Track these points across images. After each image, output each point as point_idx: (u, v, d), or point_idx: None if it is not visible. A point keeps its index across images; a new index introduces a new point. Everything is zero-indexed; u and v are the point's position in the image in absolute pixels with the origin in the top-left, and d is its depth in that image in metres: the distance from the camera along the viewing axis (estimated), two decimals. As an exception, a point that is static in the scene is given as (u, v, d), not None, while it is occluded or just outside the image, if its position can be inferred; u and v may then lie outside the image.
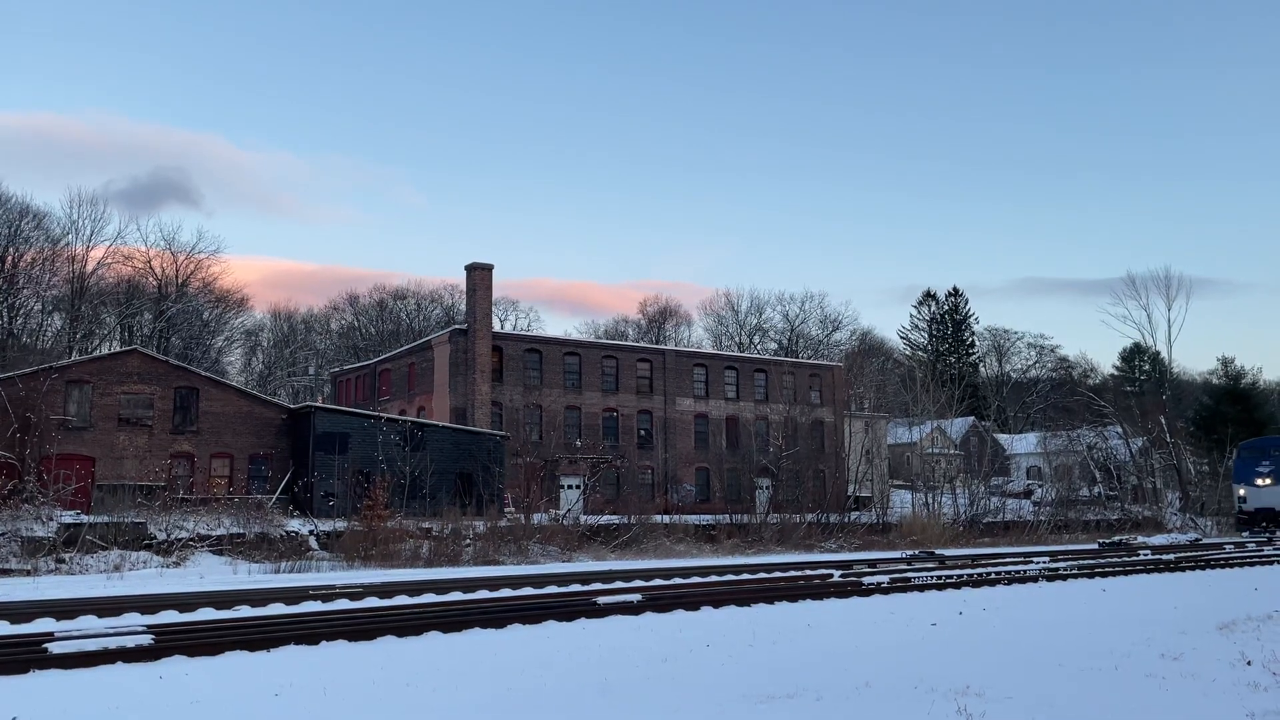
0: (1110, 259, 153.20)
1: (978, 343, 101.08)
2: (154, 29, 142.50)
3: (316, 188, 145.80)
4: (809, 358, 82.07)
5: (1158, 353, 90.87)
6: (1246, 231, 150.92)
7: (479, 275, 53.27)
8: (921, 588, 19.58)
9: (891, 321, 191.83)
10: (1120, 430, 70.35)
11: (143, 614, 14.28)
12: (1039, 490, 65.25)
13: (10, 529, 27.18)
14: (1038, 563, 25.95)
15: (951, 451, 72.35)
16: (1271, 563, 28.00)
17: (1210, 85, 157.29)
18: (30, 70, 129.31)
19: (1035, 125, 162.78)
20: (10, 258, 61.41)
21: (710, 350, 78.10)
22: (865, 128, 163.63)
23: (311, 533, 31.60)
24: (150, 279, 71.24)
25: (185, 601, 15.82)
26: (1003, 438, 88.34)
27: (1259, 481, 44.88)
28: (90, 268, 65.86)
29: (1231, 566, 26.40)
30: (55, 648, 10.47)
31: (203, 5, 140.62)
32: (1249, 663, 9.50)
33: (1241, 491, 46.23)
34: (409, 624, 12.88)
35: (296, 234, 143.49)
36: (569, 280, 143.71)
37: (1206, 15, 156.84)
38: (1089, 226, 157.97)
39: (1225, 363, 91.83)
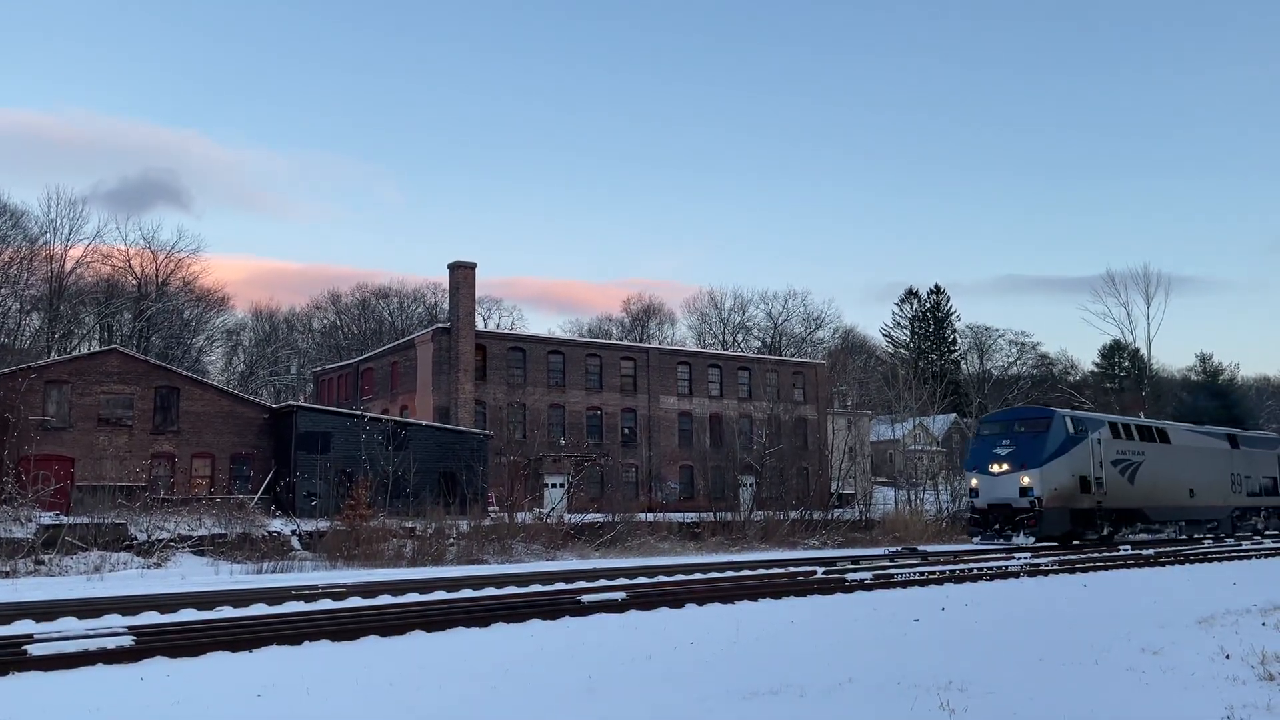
0: (1090, 257, 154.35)
1: (959, 340, 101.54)
2: (132, 26, 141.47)
3: (298, 186, 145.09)
4: (792, 355, 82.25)
5: (1137, 349, 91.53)
6: (1224, 229, 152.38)
7: (462, 274, 53.14)
8: (904, 584, 19.66)
9: (874, 319, 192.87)
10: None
11: (124, 615, 14.18)
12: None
13: (-12, 530, 26.92)
14: (1019, 558, 26.11)
15: (934, 448, 72.69)
16: (1249, 557, 28.28)
17: (1189, 83, 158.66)
18: (5, 67, 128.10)
19: (1015, 124, 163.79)
20: (-13, 257, 60.88)
21: (694, 348, 78.15)
22: (847, 126, 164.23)
23: (294, 533, 31.45)
24: (130, 278, 70.73)
25: (166, 602, 15.72)
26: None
27: (994, 467, 33.47)
28: (69, 267, 65.35)
29: (1210, 561, 26.65)
30: (35, 649, 10.38)
31: (176, 2, 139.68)
32: (1228, 656, 9.58)
33: (974, 482, 34.73)
34: (392, 623, 12.84)
35: (278, 232, 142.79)
36: (554, 279, 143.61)
37: (1183, 14, 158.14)
38: (1069, 224, 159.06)
39: (1204, 359, 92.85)
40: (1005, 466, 33.17)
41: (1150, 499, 36.25)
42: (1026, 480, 32.38)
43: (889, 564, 24.60)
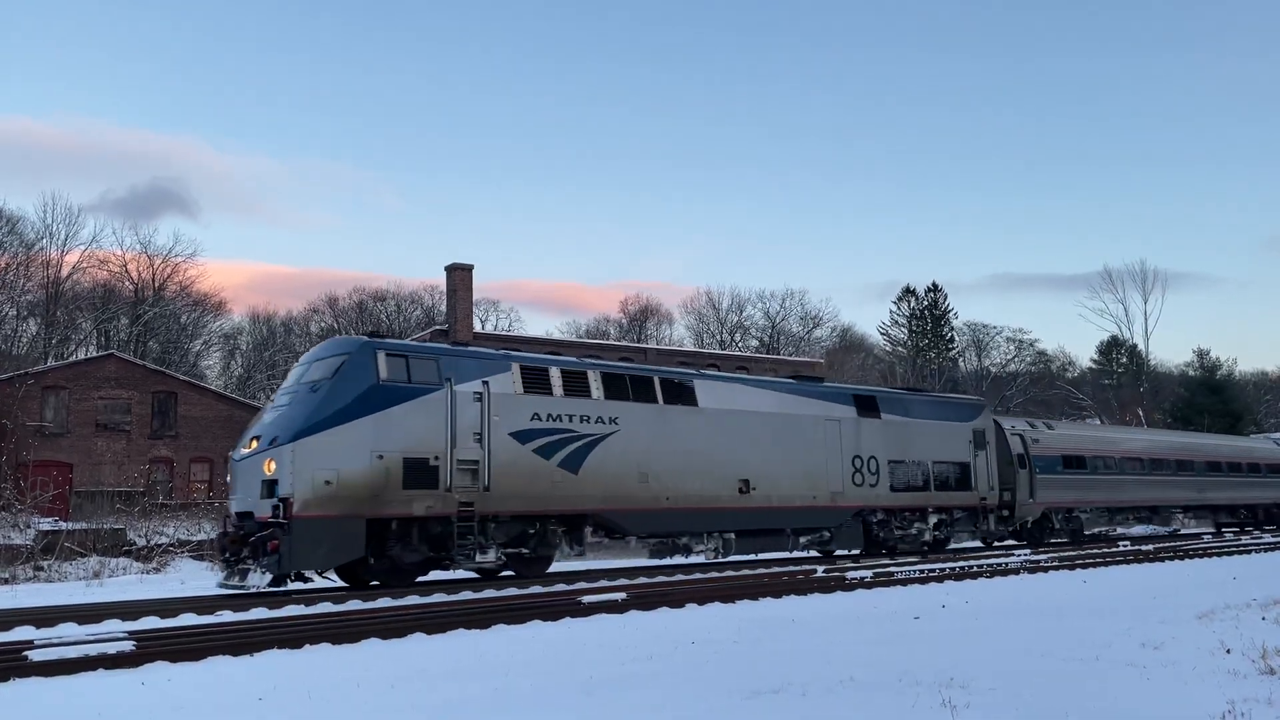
0: (1087, 253, 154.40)
1: (957, 338, 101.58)
2: (125, 30, 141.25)
3: (295, 191, 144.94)
4: (790, 355, 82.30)
5: (1135, 345, 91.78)
6: (1221, 225, 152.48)
7: (459, 276, 53.12)
8: (904, 581, 19.69)
9: (872, 317, 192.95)
10: (1098, 422, 71.01)
11: (123, 620, 14.14)
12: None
13: (-13, 537, 26.94)
14: (1019, 555, 26.13)
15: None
16: (1249, 552, 28.34)
17: (1186, 79, 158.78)
18: (2, 74, 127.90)
19: (1011, 120, 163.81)
20: (-17, 263, 60.91)
21: (692, 348, 78.18)
22: (843, 125, 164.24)
23: (293, 536, 31.36)
24: (126, 283, 70.74)
25: (166, 607, 15.68)
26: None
27: (248, 447, 18.28)
28: (65, 272, 65.38)
29: (1209, 556, 26.70)
30: (35, 655, 10.38)
31: (173, 6, 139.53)
32: (1228, 651, 9.59)
33: (229, 474, 19.23)
34: (393, 625, 12.84)
35: (276, 237, 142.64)
36: (554, 281, 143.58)
37: (1179, 8, 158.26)
38: (1066, 221, 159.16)
39: (1201, 355, 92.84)
40: (256, 444, 18.06)
41: (626, 496, 21.09)
42: (271, 468, 17.25)
43: (889, 562, 24.60)
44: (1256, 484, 42.86)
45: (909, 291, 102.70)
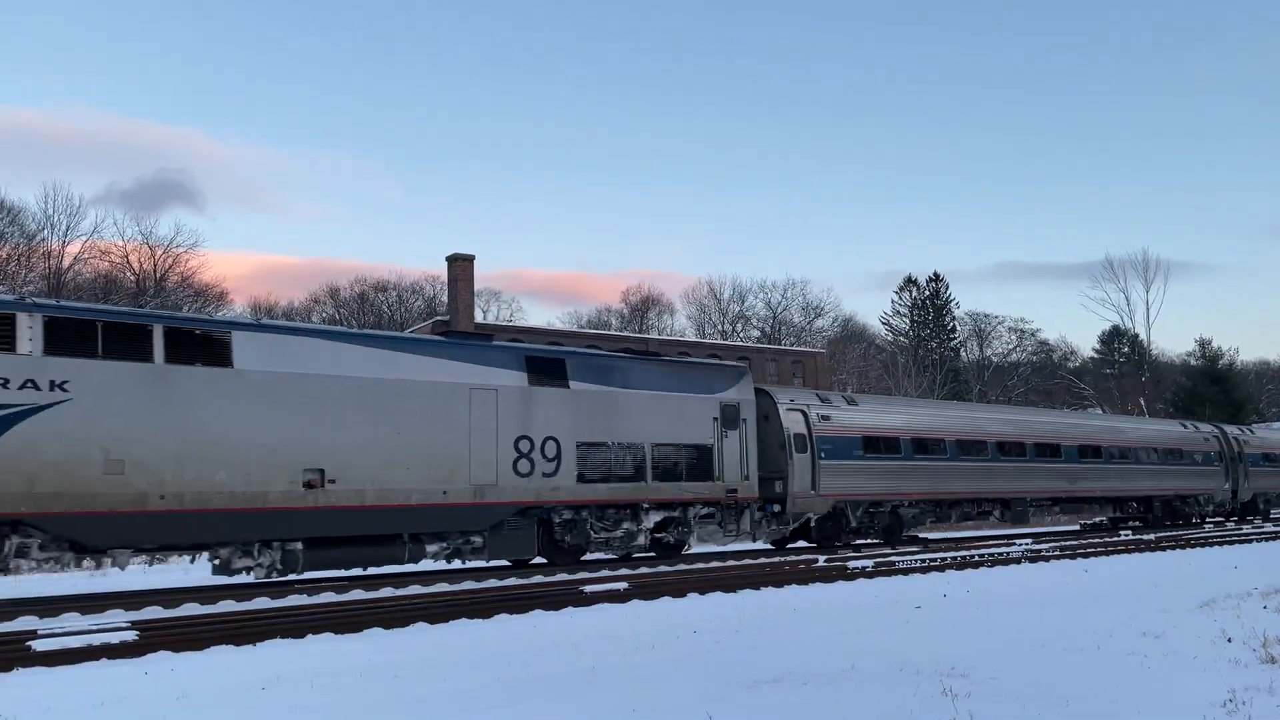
0: (1089, 243, 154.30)
1: (959, 327, 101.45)
2: (126, 21, 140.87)
3: (297, 182, 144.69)
4: (792, 345, 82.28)
5: (1136, 335, 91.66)
6: (1223, 213, 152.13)
7: (460, 266, 53.15)
8: (906, 571, 19.73)
9: (873, 307, 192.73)
10: (1100, 412, 71.01)
11: (126, 610, 14.19)
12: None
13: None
14: (1020, 545, 26.16)
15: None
16: (1250, 541, 28.37)
17: (1186, 68, 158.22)
18: (4, 66, 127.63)
19: (1012, 110, 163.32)
20: (-15, 253, 60.99)
21: (693, 338, 78.18)
22: (845, 115, 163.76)
23: (296, 526, 31.40)
24: (128, 274, 70.75)
25: (169, 597, 15.75)
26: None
27: None
28: (67, 263, 65.42)
29: (1211, 545, 26.72)
30: (39, 645, 10.41)
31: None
32: (1229, 640, 9.61)
33: None
34: (396, 615, 12.87)
35: (278, 228, 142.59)
36: (557, 271, 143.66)
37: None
38: (1067, 211, 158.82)
39: (1203, 344, 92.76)
40: None
41: (80, 494, 15.33)
42: None
43: (890, 552, 24.62)
44: (1150, 472, 35.78)
45: (911, 281, 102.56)
